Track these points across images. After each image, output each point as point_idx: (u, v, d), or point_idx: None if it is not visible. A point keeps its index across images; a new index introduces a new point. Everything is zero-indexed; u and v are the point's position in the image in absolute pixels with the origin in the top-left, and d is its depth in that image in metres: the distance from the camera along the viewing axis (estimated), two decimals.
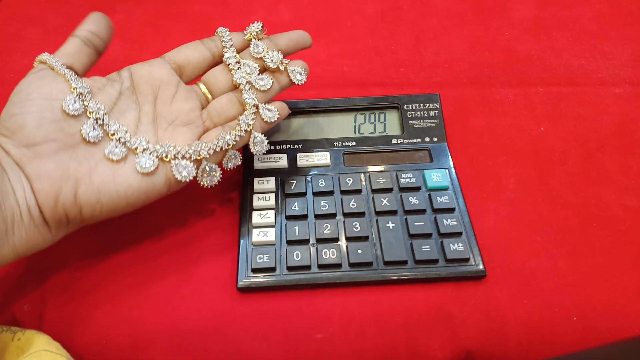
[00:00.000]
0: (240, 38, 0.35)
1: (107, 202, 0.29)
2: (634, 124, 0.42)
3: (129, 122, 0.31)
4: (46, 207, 0.28)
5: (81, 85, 0.30)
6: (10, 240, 0.27)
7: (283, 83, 0.35)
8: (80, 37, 0.32)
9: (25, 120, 0.28)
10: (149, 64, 0.33)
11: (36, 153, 0.28)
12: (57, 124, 0.28)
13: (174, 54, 0.34)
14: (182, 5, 0.54)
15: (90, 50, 0.32)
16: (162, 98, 0.33)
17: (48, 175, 0.28)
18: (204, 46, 0.34)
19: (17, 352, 0.29)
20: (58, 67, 0.30)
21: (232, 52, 0.34)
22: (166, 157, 0.31)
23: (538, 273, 0.34)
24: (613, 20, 0.51)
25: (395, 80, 0.46)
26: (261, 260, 0.33)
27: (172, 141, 0.31)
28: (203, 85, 0.35)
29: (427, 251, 0.33)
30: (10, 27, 0.52)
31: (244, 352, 0.31)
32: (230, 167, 0.34)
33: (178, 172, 0.31)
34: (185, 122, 0.33)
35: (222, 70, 0.35)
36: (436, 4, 0.54)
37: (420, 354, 0.31)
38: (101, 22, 0.33)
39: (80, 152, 0.29)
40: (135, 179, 0.30)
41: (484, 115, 0.43)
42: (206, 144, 0.31)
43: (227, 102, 0.34)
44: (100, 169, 0.29)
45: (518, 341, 0.31)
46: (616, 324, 0.32)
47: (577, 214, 0.37)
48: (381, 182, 0.37)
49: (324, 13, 0.53)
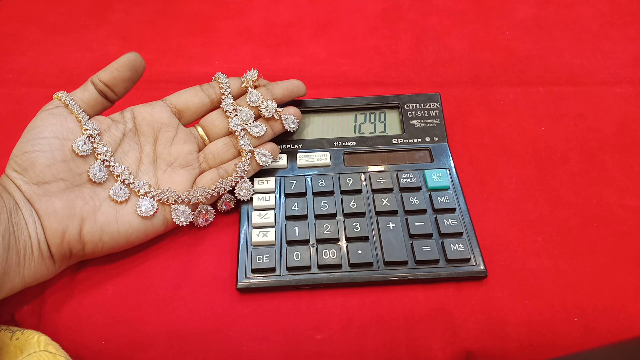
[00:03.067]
0: (237, 83, 0.37)
1: (108, 241, 0.31)
2: (635, 124, 0.42)
3: (131, 163, 0.33)
4: (53, 242, 0.30)
5: (92, 127, 0.32)
6: (21, 272, 0.29)
7: (276, 129, 0.37)
8: (95, 85, 0.33)
9: (37, 159, 0.30)
10: (151, 106, 0.35)
11: (45, 191, 0.30)
12: (66, 163, 0.30)
13: (174, 99, 0.36)
14: (181, 4, 0.54)
15: (104, 100, 0.33)
16: (162, 140, 0.35)
17: (56, 213, 0.29)
18: (204, 92, 0.36)
19: (15, 351, 0.29)
20: (73, 107, 0.32)
21: (230, 99, 0.36)
22: (167, 201, 0.33)
23: (539, 273, 0.33)
24: (614, 19, 0.51)
25: (396, 79, 0.46)
26: (261, 260, 0.33)
27: (171, 183, 0.34)
28: (201, 128, 0.36)
29: (428, 251, 0.33)
30: (9, 27, 0.52)
31: (243, 352, 0.31)
32: (224, 209, 0.36)
33: (177, 217, 0.33)
34: (184, 164, 0.35)
35: (219, 116, 0.37)
36: (437, 3, 0.54)
37: (421, 354, 0.31)
38: (122, 72, 0.33)
39: (86, 191, 0.31)
40: (136, 219, 0.32)
41: (485, 115, 0.43)
42: (204, 190, 0.34)
43: (223, 146, 0.36)
44: (104, 208, 0.31)
45: (519, 342, 0.31)
46: (617, 324, 0.31)
47: (578, 214, 0.36)
48: (381, 182, 0.37)
49: (324, 13, 0.53)
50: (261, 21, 0.53)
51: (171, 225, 0.34)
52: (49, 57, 0.48)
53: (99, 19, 0.52)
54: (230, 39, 0.51)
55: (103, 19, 0.52)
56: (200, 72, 0.48)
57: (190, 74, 0.47)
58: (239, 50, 0.50)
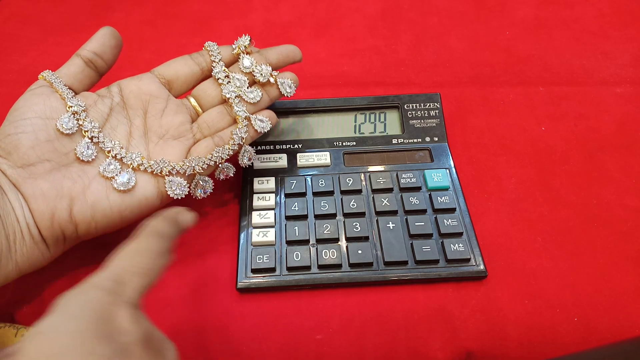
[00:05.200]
0: (228, 52, 0.35)
1: (101, 219, 0.30)
2: (635, 124, 0.42)
3: (121, 138, 0.32)
4: (43, 225, 0.28)
5: (76, 104, 0.30)
6: (13, 257, 0.28)
7: (272, 95, 0.35)
8: (82, 57, 0.32)
9: (20, 140, 0.28)
10: (138, 79, 0.34)
11: (31, 173, 0.29)
12: (51, 143, 0.29)
13: (162, 69, 0.34)
14: (181, 4, 0.54)
15: (92, 72, 0.32)
16: (152, 112, 0.33)
17: (43, 195, 0.28)
18: (193, 61, 0.35)
19: None
20: (56, 84, 0.30)
21: (221, 66, 0.34)
22: (160, 173, 0.31)
23: (539, 273, 0.33)
24: (614, 19, 0.51)
25: (396, 79, 0.46)
26: (261, 260, 0.33)
27: (164, 155, 0.32)
28: (193, 99, 0.35)
29: (428, 251, 0.33)
30: (9, 27, 0.52)
31: (243, 352, 0.31)
32: (222, 178, 0.34)
33: (171, 190, 0.31)
34: (176, 135, 0.33)
35: (211, 84, 0.35)
36: (437, 3, 0.54)
37: (421, 354, 0.31)
38: (108, 40, 0.32)
39: (74, 170, 0.30)
40: (127, 195, 0.30)
41: (485, 115, 0.43)
42: (200, 159, 0.32)
43: (218, 114, 0.34)
44: (94, 186, 0.30)
45: (519, 342, 0.31)
46: (617, 324, 0.31)
47: (578, 214, 0.36)
48: (381, 182, 0.37)
49: (324, 12, 0.53)
50: (261, 21, 0.53)
51: (167, 199, 0.32)
52: (49, 57, 0.48)
53: (99, 19, 0.52)
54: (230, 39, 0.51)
55: (103, 19, 0.52)
56: None
57: None
58: None
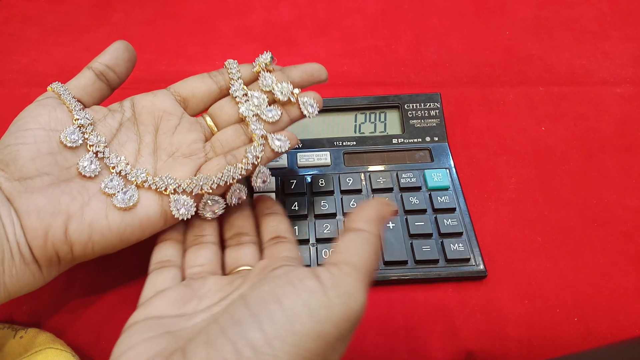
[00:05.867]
0: (249, 70, 0.33)
1: (99, 240, 0.27)
2: (635, 124, 0.42)
3: (128, 154, 0.30)
4: (35, 244, 0.26)
5: (83, 117, 0.29)
6: (1, 280, 0.25)
7: (293, 115, 0.32)
8: (94, 69, 0.31)
9: (20, 152, 0.26)
10: (153, 95, 0.32)
11: (27, 187, 0.26)
12: (52, 156, 0.27)
13: (179, 86, 0.33)
14: (181, 4, 0.54)
15: (103, 85, 0.31)
16: (164, 129, 0.31)
17: (38, 211, 0.26)
18: (211, 79, 0.33)
19: (19, 349, 0.29)
20: (64, 96, 0.29)
21: (240, 84, 0.32)
22: (165, 191, 0.29)
23: (539, 273, 0.33)
24: (614, 19, 0.51)
25: (396, 79, 0.46)
26: None
27: (171, 173, 0.29)
28: (209, 117, 0.33)
29: (428, 251, 0.33)
30: (9, 27, 0.52)
31: None
32: (235, 202, 0.31)
33: (176, 209, 0.29)
34: (187, 153, 0.31)
35: (228, 102, 0.33)
36: (437, 3, 0.54)
37: (421, 354, 0.31)
38: (121, 53, 0.31)
39: (74, 186, 0.27)
40: (128, 214, 0.28)
41: (485, 114, 0.43)
42: (209, 178, 0.29)
43: (233, 133, 0.32)
44: (93, 203, 0.27)
45: (519, 342, 0.31)
46: (617, 324, 0.31)
47: (578, 214, 0.36)
48: (381, 181, 0.37)
49: (324, 12, 0.53)
50: (261, 21, 0.53)
51: (171, 220, 0.29)
52: (49, 57, 0.48)
53: (99, 19, 0.52)
54: (230, 39, 0.51)
55: (103, 19, 0.52)
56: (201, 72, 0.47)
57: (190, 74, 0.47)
58: (239, 50, 0.50)
